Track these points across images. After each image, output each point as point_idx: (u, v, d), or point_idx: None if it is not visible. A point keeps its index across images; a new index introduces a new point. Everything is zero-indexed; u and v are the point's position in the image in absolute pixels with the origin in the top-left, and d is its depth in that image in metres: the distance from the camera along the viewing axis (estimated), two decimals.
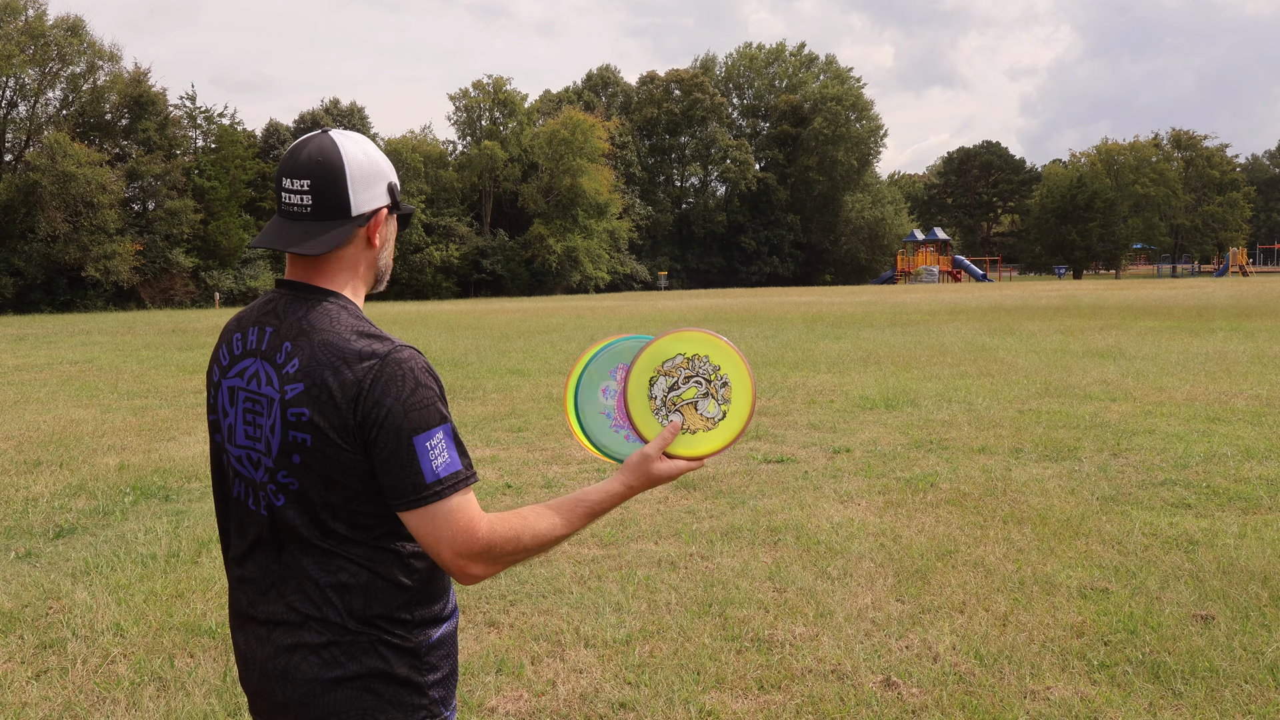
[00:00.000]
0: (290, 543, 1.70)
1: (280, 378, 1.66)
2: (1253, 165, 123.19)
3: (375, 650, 1.69)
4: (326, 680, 1.68)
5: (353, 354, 1.62)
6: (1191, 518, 6.18)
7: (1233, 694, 3.76)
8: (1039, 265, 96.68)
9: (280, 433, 1.65)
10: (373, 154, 1.74)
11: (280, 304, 1.74)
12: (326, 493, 1.65)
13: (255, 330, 1.74)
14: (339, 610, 1.68)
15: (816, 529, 6.11)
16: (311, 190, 1.69)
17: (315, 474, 1.64)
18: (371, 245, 1.77)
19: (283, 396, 1.65)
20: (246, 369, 1.72)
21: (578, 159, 67.22)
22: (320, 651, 1.69)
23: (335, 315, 1.68)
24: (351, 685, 1.69)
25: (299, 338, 1.67)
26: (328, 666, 1.68)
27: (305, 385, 1.63)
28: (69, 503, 7.19)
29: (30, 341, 24.15)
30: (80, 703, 3.91)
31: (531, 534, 1.66)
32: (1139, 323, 22.31)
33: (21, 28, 48.15)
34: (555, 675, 4.06)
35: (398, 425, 1.59)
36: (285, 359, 1.66)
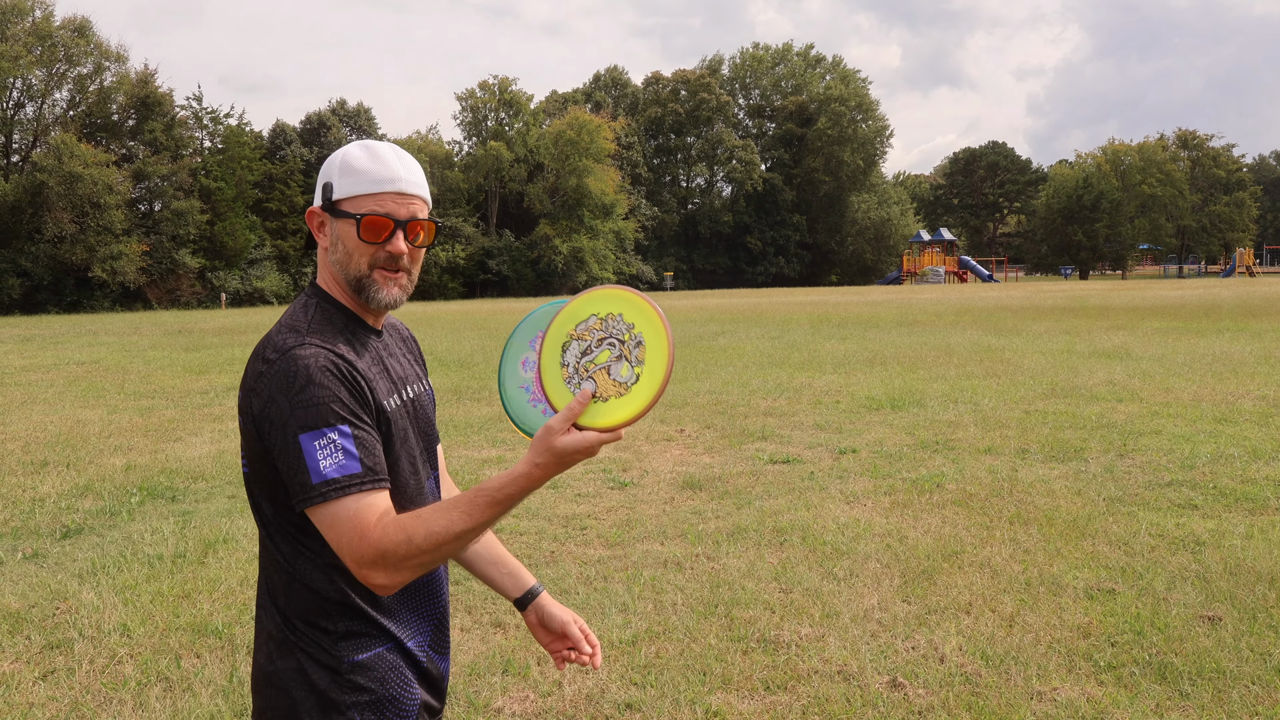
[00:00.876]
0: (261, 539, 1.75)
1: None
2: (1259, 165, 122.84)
3: (297, 653, 1.68)
4: (266, 671, 1.70)
5: (268, 346, 1.65)
6: (1198, 518, 6.17)
7: (1240, 695, 3.75)
8: (1045, 266, 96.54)
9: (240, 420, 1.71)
10: (334, 157, 1.75)
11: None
12: (258, 480, 1.67)
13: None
14: (273, 605, 1.70)
15: (822, 530, 6.10)
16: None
17: (248, 458, 1.68)
18: (321, 245, 1.77)
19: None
20: None
21: (584, 159, 67.21)
22: (267, 642, 1.71)
23: (293, 308, 1.74)
24: (278, 683, 1.69)
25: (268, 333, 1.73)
26: (269, 659, 1.70)
27: (242, 379, 1.67)
28: (76, 503, 7.21)
29: (37, 342, 24.21)
30: (87, 703, 3.92)
31: (425, 532, 1.52)
32: (1145, 323, 22.26)
33: (29, 29, 48.28)
34: (561, 676, 4.06)
35: (284, 421, 1.57)
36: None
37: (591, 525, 6.34)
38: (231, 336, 24.78)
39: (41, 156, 47.07)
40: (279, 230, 57.87)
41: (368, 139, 1.73)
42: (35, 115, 50.63)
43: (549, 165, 68.35)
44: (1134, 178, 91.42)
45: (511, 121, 71.17)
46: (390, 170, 1.70)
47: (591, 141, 67.40)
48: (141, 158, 50.98)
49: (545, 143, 68.41)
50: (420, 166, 1.79)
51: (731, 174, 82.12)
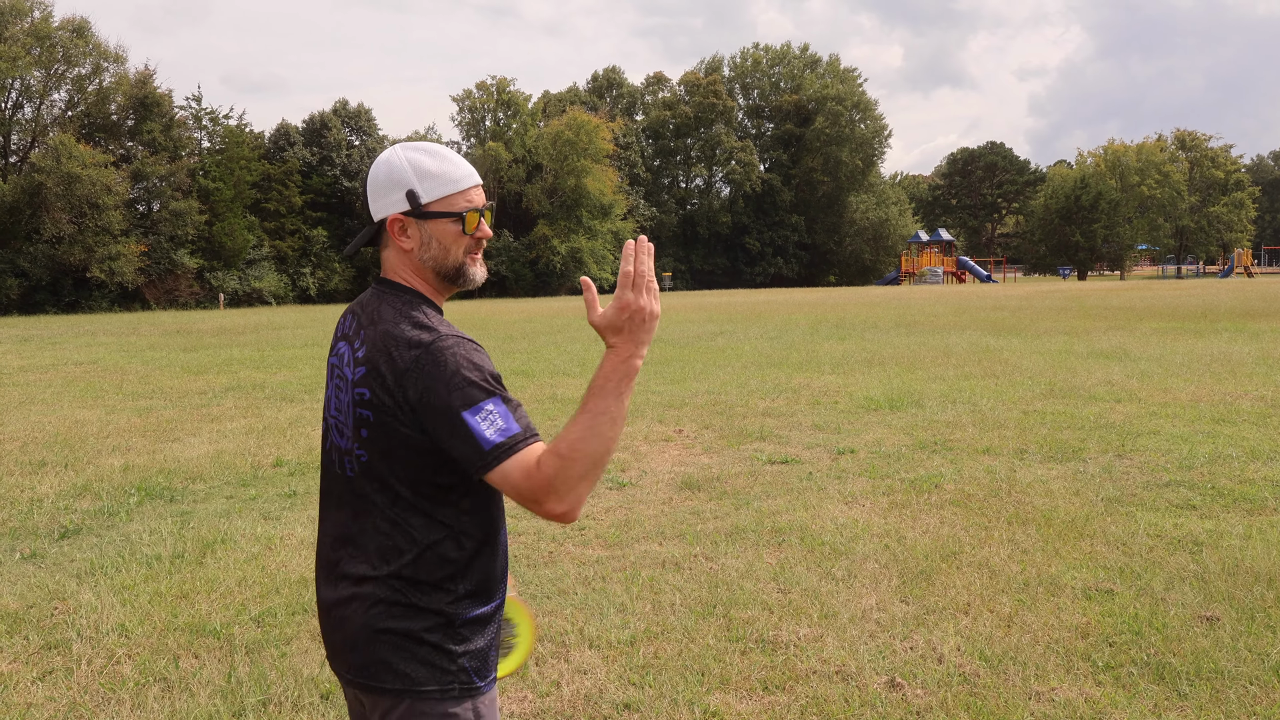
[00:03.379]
0: (362, 505, 1.90)
1: (353, 360, 1.90)
2: (1258, 166, 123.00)
3: (416, 613, 1.86)
4: (372, 630, 1.86)
5: (404, 342, 1.82)
6: (1196, 519, 6.17)
7: (1238, 695, 3.76)
8: (1043, 266, 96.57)
9: (351, 409, 1.89)
10: (396, 164, 1.91)
11: (368, 295, 1.99)
12: (389, 464, 1.85)
13: (350, 317, 1.99)
14: (390, 573, 1.85)
15: (821, 530, 6.10)
16: (364, 200, 2.00)
17: (378, 447, 1.85)
18: (398, 245, 1.94)
19: (353, 377, 1.89)
20: (340, 350, 1.97)
21: (582, 160, 67.21)
22: (372, 606, 1.86)
23: (399, 308, 1.89)
24: (389, 640, 1.85)
25: (369, 326, 1.90)
26: (375, 619, 1.86)
27: (366, 368, 1.85)
28: (74, 503, 7.20)
29: (35, 342, 24.20)
30: (85, 703, 3.92)
31: (567, 444, 1.72)
32: (1144, 324, 22.28)
33: (27, 29, 48.24)
34: (560, 676, 4.06)
35: (445, 405, 1.75)
36: (360, 344, 1.90)
37: (590, 525, 6.34)
38: (230, 337, 24.77)
39: (40, 157, 47.02)
40: (277, 231, 57.84)
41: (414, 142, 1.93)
42: (34, 116, 50.59)
43: (547, 166, 68.34)
44: (1132, 178, 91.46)
45: (509, 122, 71.17)
46: (462, 168, 1.94)
47: (590, 142, 67.40)
48: (140, 158, 50.91)
49: (543, 143, 68.39)
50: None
51: (730, 175, 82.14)
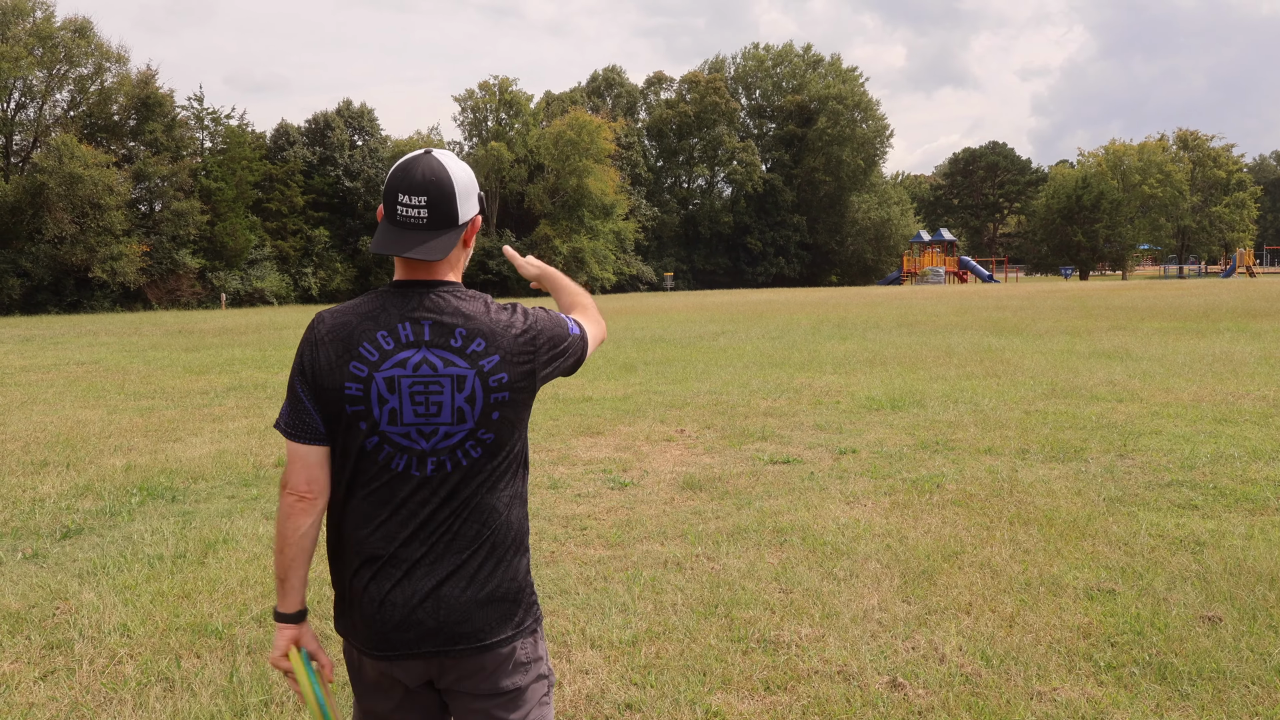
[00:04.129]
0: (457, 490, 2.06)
1: (469, 356, 2.03)
2: (1260, 165, 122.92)
3: (518, 564, 2.13)
4: (479, 600, 2.06)
5: (521, 323, 2.11)
6: (1198, 519, 6.17)
7: (1240, 695, 3.75)
8: (1045, 266, 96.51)
9: (482, 398, 2.04)
10: (468, 171, 2.12)
11: (425, 300, 2.06)
12: (512, 435, 2.10)
13: (407, 325, 2.04)
14: (501, 534, 2.10)
15: (822, 530, 6.10)
16: (428, 205, 2.03)
17: (508, 423, 2.08)
18: (466, 245, 2.17)
19: (480, 370, 2.03)
20: (408, 359, 2.02)
21: (584, 160, 67.21)
22: (475, 577, 2.07)
23: (472, 300, 2.09)
24: (500, 600, 2.09)
25: (467, 322, 2.04)
26: (481, 587, 2.07)
27: (500, 356, 2.05)
28: (76, 503, 7.21)
29: (37, 342, 24.22)
30: (87, 703, 3.92)
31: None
32: (1145, 324, 22.26)
33: (29, 29, 48.28)
34: (561, 676, 4.06)
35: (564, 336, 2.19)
36: (465, 342, 2.03)
37: (591, 525, 6.34)
38: (232, 337, 24.79)
39: (42, 157, 47.05)
40: (279, 231, 57.87)
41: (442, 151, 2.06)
42: (36, 116, 50.62)
43: (549, 166, 68.34)
44: (1134, 178, 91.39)
45: (511, 122, 71.17)
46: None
47: (591, 142, 67.39)
48: (142, 158, 50.95)
49: (545, 143, 68.39)
50: None
51: (732, 175, 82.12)
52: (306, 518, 2.08)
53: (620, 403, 11.70)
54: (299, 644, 2.16)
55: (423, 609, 2.04)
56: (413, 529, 2.04)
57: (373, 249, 2.07)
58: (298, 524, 2.08)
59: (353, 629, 2.11)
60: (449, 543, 2.05)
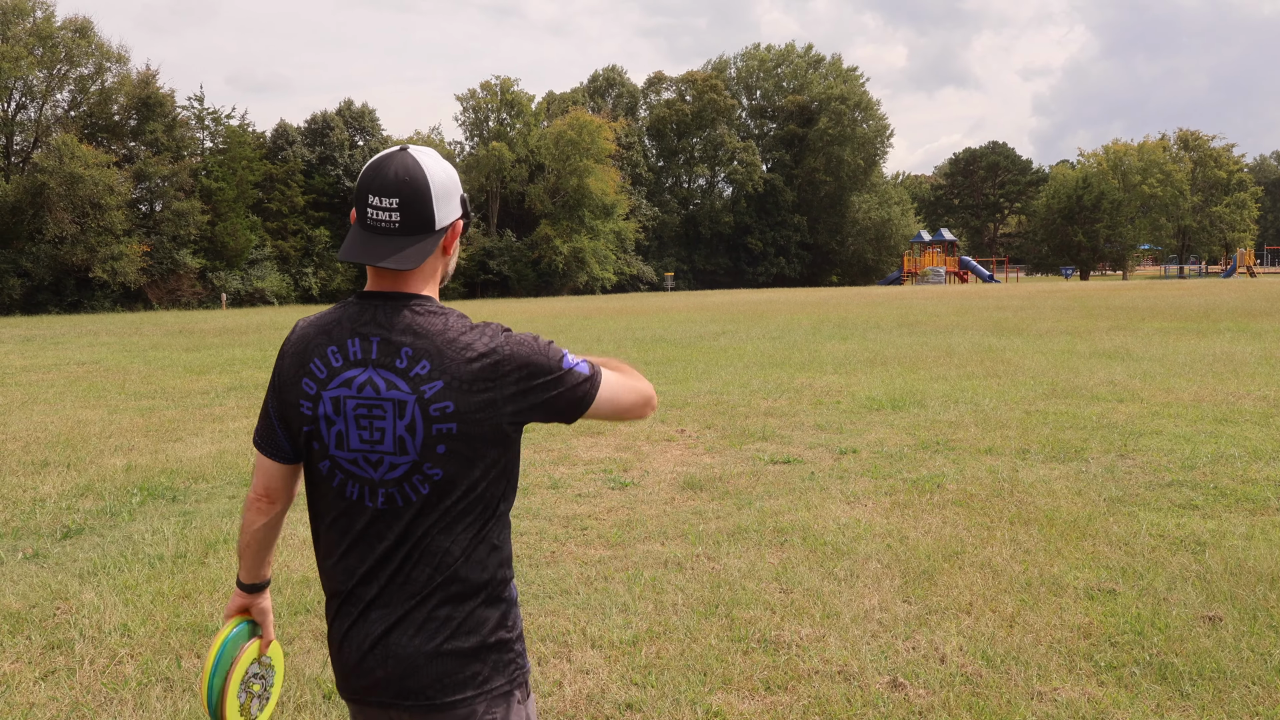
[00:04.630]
0: (408, 528, 1.84)
1: (410, 380, 1.80)
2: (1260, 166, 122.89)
3: (484, 617, 1.87)
4: (427, 652, 1.84)
5: (483, 346, 1.83)
6: (1199, 519, 6.17)
7: (1240, 695, 3.75)
8: (1046, 266, 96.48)
9: (423, 429, 1.80)
10: (449, 170, 1.89)
11: (373, 313, 1.86)
12: (469, 473, 1.83)
13: (356, 342, 1.85)
14: (458, 583, 1.85)
15: (823, 530, 6.10)
16: (400, 208, 1.82)
17: (461, 459, 1.82)
18: (446, 252, 1.93)
19: (420, 396, 1.80)
20: (354, 379, 1.84)
21: (584, 160, 67.20)
22: (425, 626, 1.84)
23: (432, 316, 1.85)
24: (454, 654, 1.85)
25: (418, 340, 1.82)
26: (431, 638, 1.84)
27: (444, 382, 1.80)
28: (76, 503, 7.21)
29: (38, 342, 24.22)
30: (88, 703, 3.92)
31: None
32: (1146, 324, 22.25)
33: (30, 29, 48.27)
34: (562, 676, 4.06)
35: (549, 367, 1.86)
36: (410, 363, 1.81)
37: (592, 525, 6.34)
38: (232, 337, 24.79)
39: (42, 157, 47.02)
40: (279, 231, 57.87)
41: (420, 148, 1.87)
42: (36, 116, 50.62)
43: (550, 166, 68.32)
44: (1134, 178, 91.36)
45: (513, 122, 71.15)
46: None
47: (592, 142, 67.38)
48: (142, 158, 50.93)
49: (546, 143, 68.38)
50: None
51: (732, 175, 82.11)
52: (262, 517, 2.00)
53: None
54: (247, 612, 2.10)
55: (373, 655, 1.86)
56: (369, 565, 1.87)
57: (341, 256, 1.86)
58: (252, 520, 2.00)
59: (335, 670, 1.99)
60: (401, 585, 1.85)
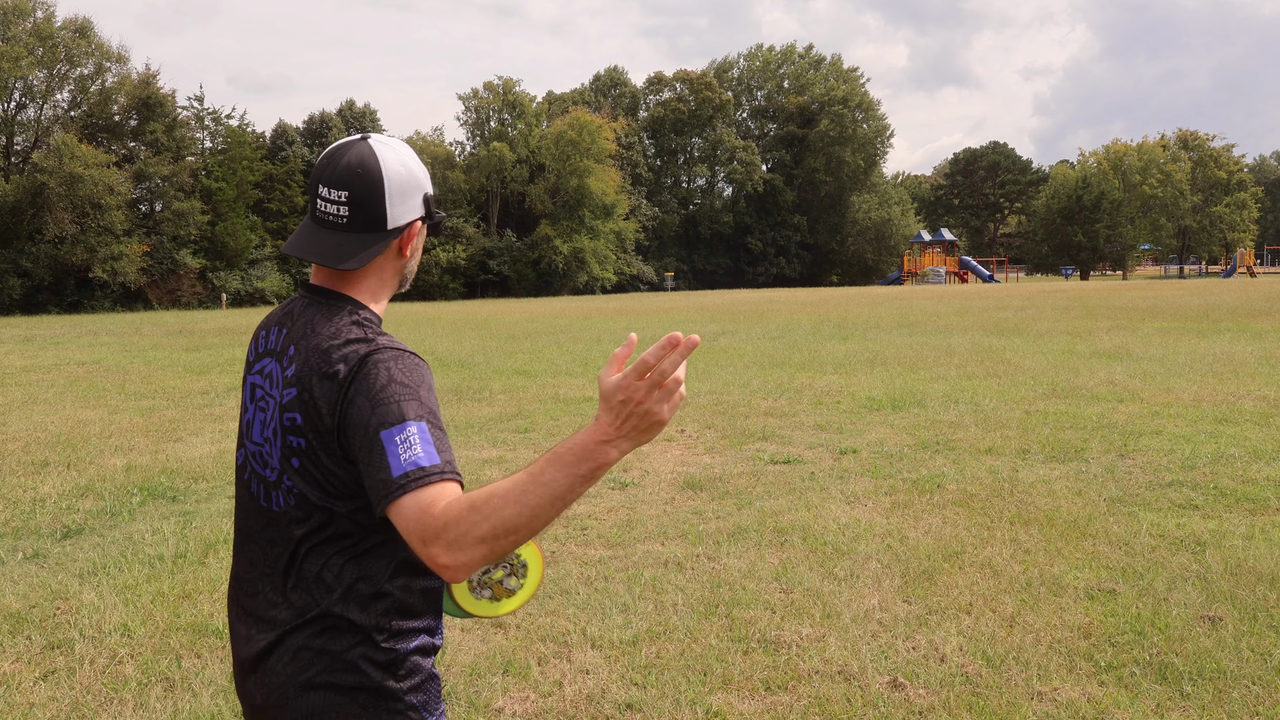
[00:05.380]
0: (290, 542, 1.67)
1: (283, 380, 1.66)
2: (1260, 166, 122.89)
3: (354, 654, 1.65)
4: (300, 683, 1.64)
5: (337, 357, 1.59)
6: (1199, 519, 6.17)
7: (1240, 695, 3.75)
8: (1046, 266, 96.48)
9: (280, 436, 1.65)
10: (411, 164, 1.73)
11: (297, 307, 1.75)
12: (323, 496, 1.62)
13: (275, 330, 1.75)
14: (332, 617, 1.64)
15: (823, 530, 6.10)
16: (349, 201, 1.68)
17: (310, 478, 1.62)
18: (402, 255, 1.76)
19: (280, 400, 1.65)
20: (265, 367, 1.73)
21: (585, 160, 67.19)
22: (299, 654, 1.65)
23: (339, 320, 1.67)
24: (328, 689, 1.64)
25: (300, 341, 1.66)
26: (304, 669, 1.65)
27: (297, 390, 1.62)
28: (76, 503, 7.21)
29: (38, 342, 24.22)
30: (88, 703, 3.92)
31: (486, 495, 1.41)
32: (1146, 324, 22.25)
33: (30, 29, 48.26)
34: (562, 676, 4.06)
35: (365, 421, 1.52)
36: (288, 363, 1.66)
37: (592, 525, 6.34)
38: (232, 337, 24.78)
39: (42, 157, 46.99)
40: (280, 231, 57.84)
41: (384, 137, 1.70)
42: (36, 116, 50.62)
43: (550, 166, 68.31)
44: (1134, 178, 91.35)
45: (515, 122, 71.13)
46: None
47: (592, 142, 67.38)
48: (142, 158, 50.90)
49: (546, 143, 68.37)
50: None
51: (732, 175, 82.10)
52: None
53: None
54: None
55: (253, 678, 1.71)
56: (258, 572, 1.72)
57: (284, 249, 1.74)
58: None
59: None
60: (281, 602, 1.68)
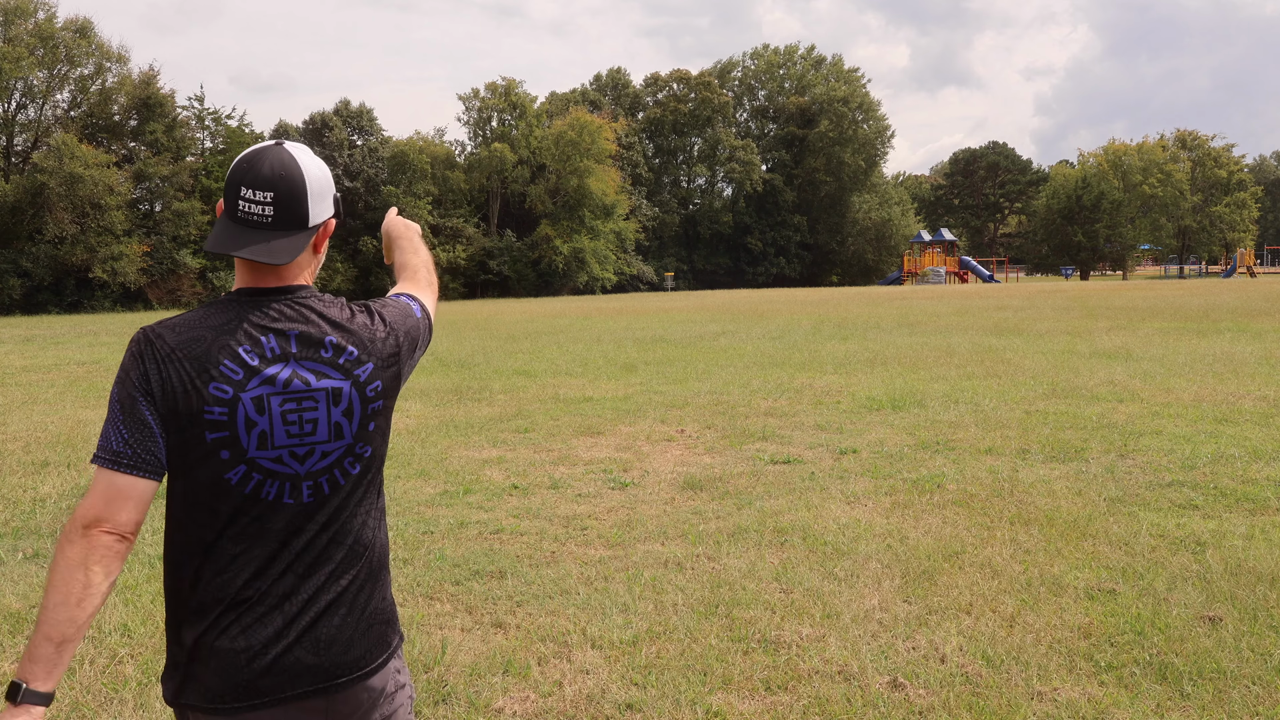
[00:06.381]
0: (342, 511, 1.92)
1: (342, 367, 1.89)
2: (1260, 166, 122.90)
3: (388, 582, 2.02)
4: (361, 625, 1.92)
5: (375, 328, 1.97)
6: (1199, 519, 6.17)
7: (1240, 695, 3.75)
8: (1046, 266, 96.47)
9: (360, 410, 1.91)
10: (324, 169, 1.94)
11: (285, 309, 1.88)
12: (385, 445, 2.02)
13: (272, 338, 1.85)
14: (375, 553, 1.98)
15: (823, 530, 6.10)
16: (274, 202, 1.84)
17: (382, 433, 1.99)
18: (318, 251, 1.98)
19: (355, 380, 1.90)
20: (277, 375, 1.83)
21: (585, 160, 67.18)
22: (355, 601, 1.92)
23: (337, 308, 1.95)
24: (378, 620, 1.96)
25: (336, 330, 1.90)
26: (360, 611, 1.93)
27: (373, 364, 1.93)
28: (76, 503, 7.20)
29: (38, 342, 24.21)
30: (88, 703, 3.92)
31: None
32: (1146, 324, 22.25)
33: (31, 30, 48.27)
34: (562, 676, 4.06)
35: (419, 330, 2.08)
36: (335, 352, 1.88)
37: (592, 525, 6.34)
38: None
39: (42, 157, 46.98)
40: None
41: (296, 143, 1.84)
42: (36, 116, 50.62)
43: (550, 166, 68.30)
44: (1134, 178, 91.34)
45: (516, 123, 71.11)
46: None
47: (593, 142, 67.37)
48: (142, 158, 50.92)
49: (546, 143, 68.35)
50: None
51: (731, 174, 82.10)
52: (120, 563, 1.77)
53: (621, 403, 11.70)
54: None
55: (300, 646, 1.84)
56: (287, 562, 1.85)
57: (209, 247, 1.83)
58: (110, 569, 1.74)
59: (201, 689, 1.82)
60: (330, 571, 1.89)
